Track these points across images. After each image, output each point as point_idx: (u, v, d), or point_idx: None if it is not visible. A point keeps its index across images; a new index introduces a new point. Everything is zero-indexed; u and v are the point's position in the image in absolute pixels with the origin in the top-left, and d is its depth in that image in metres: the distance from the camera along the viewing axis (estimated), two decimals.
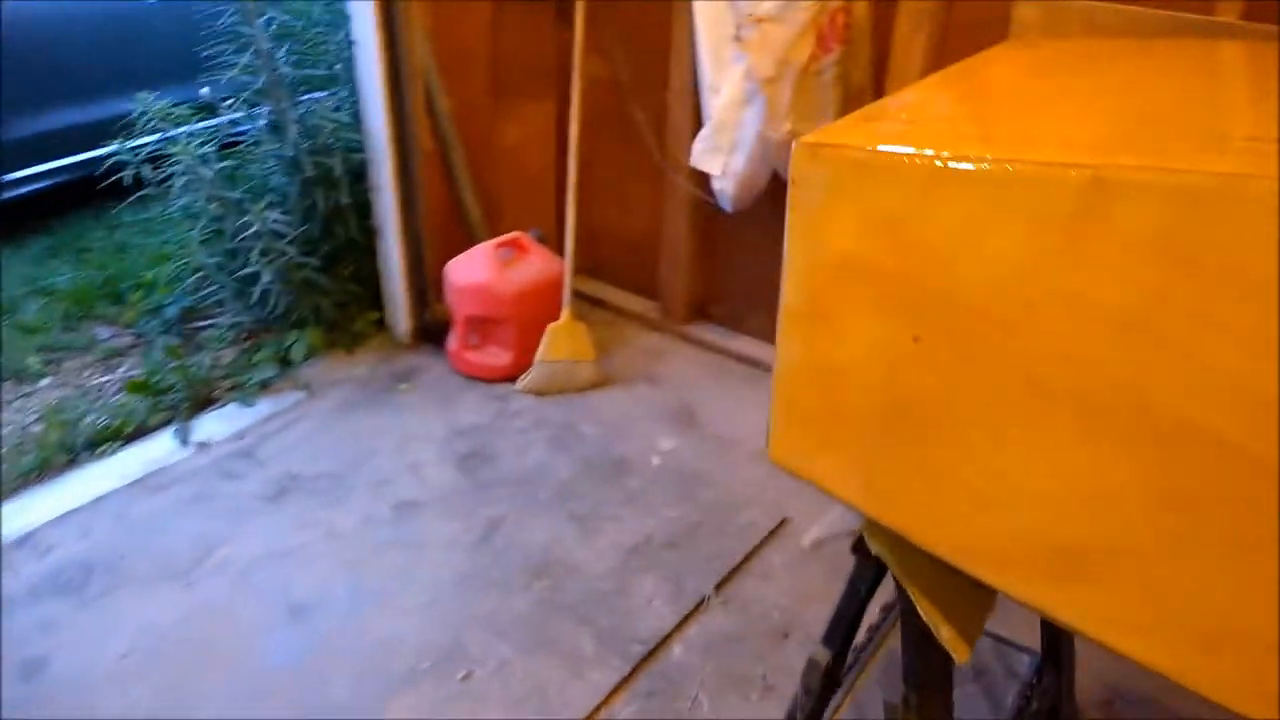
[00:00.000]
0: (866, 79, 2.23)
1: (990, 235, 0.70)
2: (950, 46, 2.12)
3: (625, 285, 3.08)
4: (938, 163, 0.71)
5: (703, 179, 2.48)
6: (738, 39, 2.20)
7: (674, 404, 2.60)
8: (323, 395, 2.55)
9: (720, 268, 2.84)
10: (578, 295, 2.68)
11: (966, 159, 0.70)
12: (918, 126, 0.82)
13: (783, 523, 2.16)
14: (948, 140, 0.76)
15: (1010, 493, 0.74)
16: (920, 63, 2.12)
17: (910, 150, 0.73)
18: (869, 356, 0.77)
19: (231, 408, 2.47)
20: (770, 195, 2.42)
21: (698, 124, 2.50)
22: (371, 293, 2.76)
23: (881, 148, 0.74)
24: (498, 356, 2.65)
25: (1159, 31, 1.84)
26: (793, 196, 0.80)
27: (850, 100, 2.23)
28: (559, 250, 2.68)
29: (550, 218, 3.01)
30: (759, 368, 2.76)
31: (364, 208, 2.66)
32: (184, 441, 2.33)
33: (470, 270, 2.59)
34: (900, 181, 0.73)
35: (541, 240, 2.74)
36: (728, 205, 2.43)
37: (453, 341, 2.67)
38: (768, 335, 2.80)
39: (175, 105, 2.53)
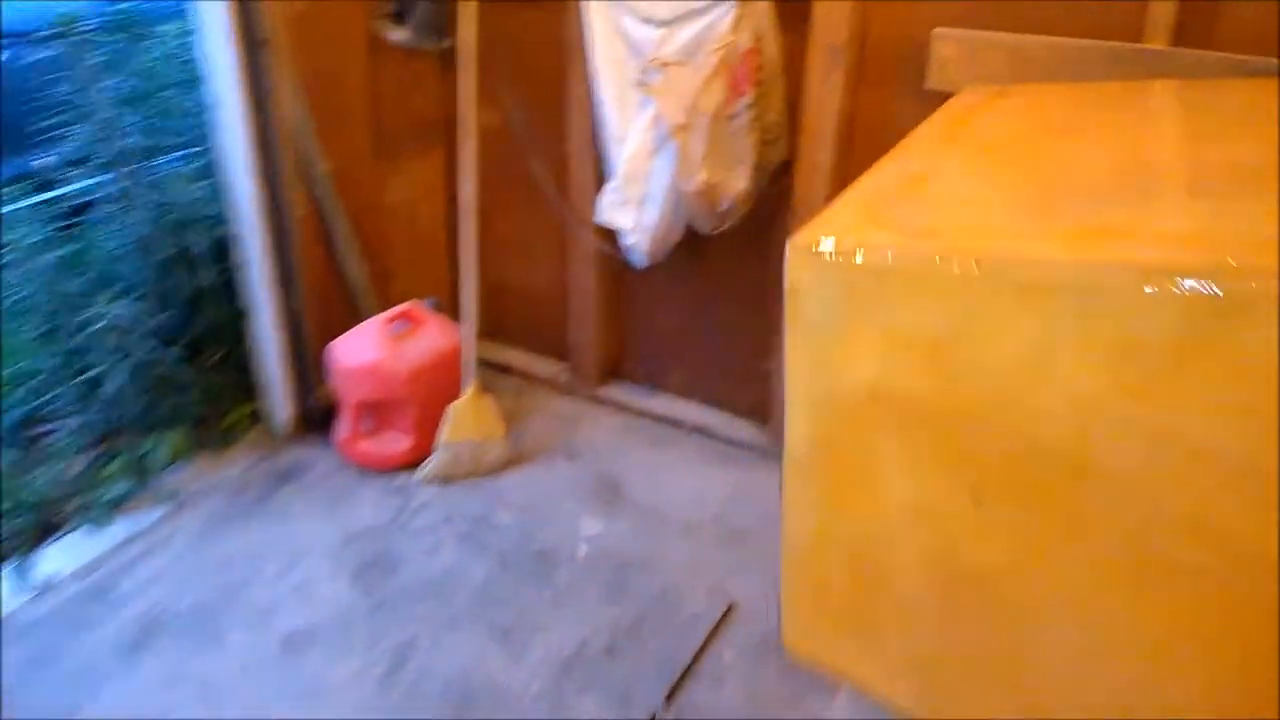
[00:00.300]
0: (782, 121, 2.08)
1: (1070, 362, 0.51)
2: (867, 82, 2.00)
3: (531, 347, 2.84)
4: (993, 270, 0.51)
5: (611, 233, 2.28)
6: (642, 84, 2.02)
7: (595, 478, 2.37)
8: (191, 508, 2.20)
9: (633, 324, 2.64)
10: (480, 362, 2.43)
11: (1031, 263, 0.51)
12: (944, 214, 0.63)
13: (729, 610, 1.95)
14: (992, 233, 0.57)
15: (1125, 694, 0.54)
16: (838, 101, 1.98)
17: (950, 252, 0.53)
18: (915, 520, 0.57)
19: (82, 533, 2.10)
20: (685, 245, 2.24)
21: (602, 175, 2.31)
22: (244, 381, 2.43)
23: (910, 250, 0.54)
24: (395, 443, 2.36)
25: (1086, 61, 1.75)
26: (793, 311, 0.59)
27: (767, 145, 2.08)
28: (457, 318, 2.43)
29: (445, 281, 2.75)
30: (681, 428, 2.57)
31: (231, 287, 2.34)
32: (24, 582, 1.96)
33: (359, 349, 2.31)
34: (944, 295, 0.53)
35: (438, 309, 2.48)
36: (641, 261, 2.23)
37: (342, 429, 2.37)
38: (688, 392, 2.61)
39: (3, 185, 2.18)
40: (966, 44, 1.81)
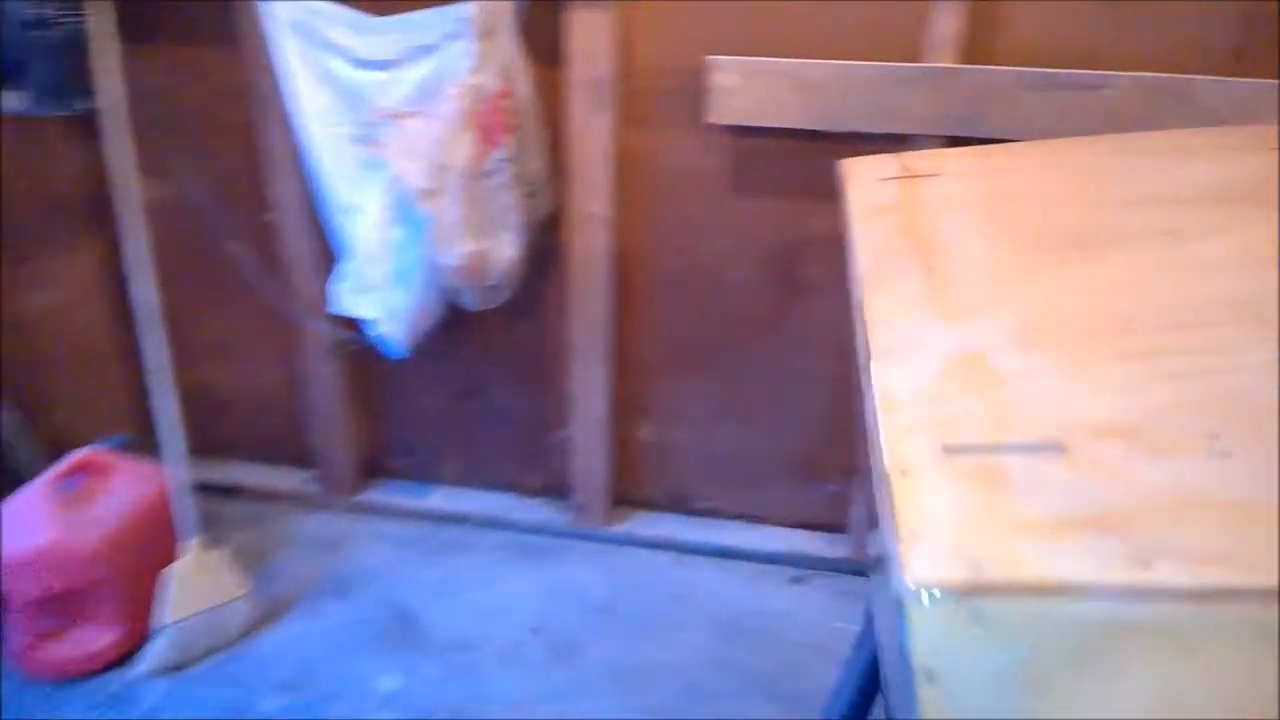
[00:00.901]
0: (544, 168, 1.77)
1: None
2: (638, 118, 1.74)
3: (263, 458, 2.31)
4: None
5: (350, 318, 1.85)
6: (369, 142, 1.61)
7: (380, 614, 1.94)
8: None
9: (392, 411, 2.21)
10: (199, 489, 1.87)
11: None
12: (1099, 472, 0.37)
13: None
14: (1222, 518, 0.32)
15: None
16: (608, 142, 1.71)
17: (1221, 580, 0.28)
18: None
19: None
20: (445, 315, 1.86)
21: (324, 248, 1.87)
22: None
23: (1122, 580, 0.29)
24: (96, 639, 1.76)
25: (873, 85, 1.61)
26: (931, 702, 0.30)
27: (530, 198, 1.76)
28: (157, 453, 1.86)
29: (129, 407, 2.14)
30: (468, 523, 2.20)
31: None
32: None
33: (20, 527, 1.68)
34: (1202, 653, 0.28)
35: (127, 448, 1.90)
36: (400, 350, 1.82)
37: (15, 635, 1.73)
38: (468, 479, 2.25)
39: None
40: (747, 72, 1.60)
